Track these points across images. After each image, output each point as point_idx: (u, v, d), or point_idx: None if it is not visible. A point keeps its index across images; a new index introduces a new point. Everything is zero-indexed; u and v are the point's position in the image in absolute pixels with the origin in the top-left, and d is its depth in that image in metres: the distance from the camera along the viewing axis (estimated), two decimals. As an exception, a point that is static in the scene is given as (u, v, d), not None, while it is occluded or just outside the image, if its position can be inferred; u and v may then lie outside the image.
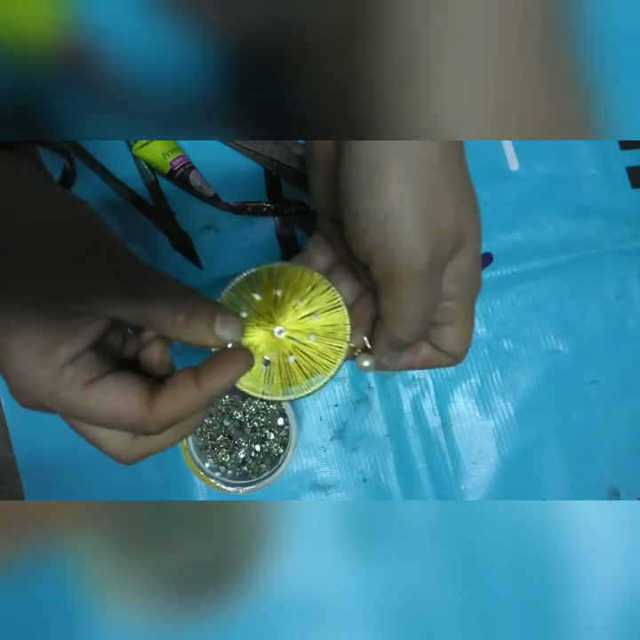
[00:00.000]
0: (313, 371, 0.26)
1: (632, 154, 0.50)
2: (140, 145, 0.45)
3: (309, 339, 0.26)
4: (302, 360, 0.26)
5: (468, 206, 0.22)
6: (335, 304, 0.26)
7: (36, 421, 0.44)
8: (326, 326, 0.26)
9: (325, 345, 0.26)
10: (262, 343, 0.26)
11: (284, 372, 0.26)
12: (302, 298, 0.26)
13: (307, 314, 0.26)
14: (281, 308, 0.26)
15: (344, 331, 0.26)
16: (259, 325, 0.26)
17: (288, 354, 0.26)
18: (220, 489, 0.41)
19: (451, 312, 0.24)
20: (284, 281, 0.26)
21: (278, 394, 0.26)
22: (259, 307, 0.26)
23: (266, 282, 0.26)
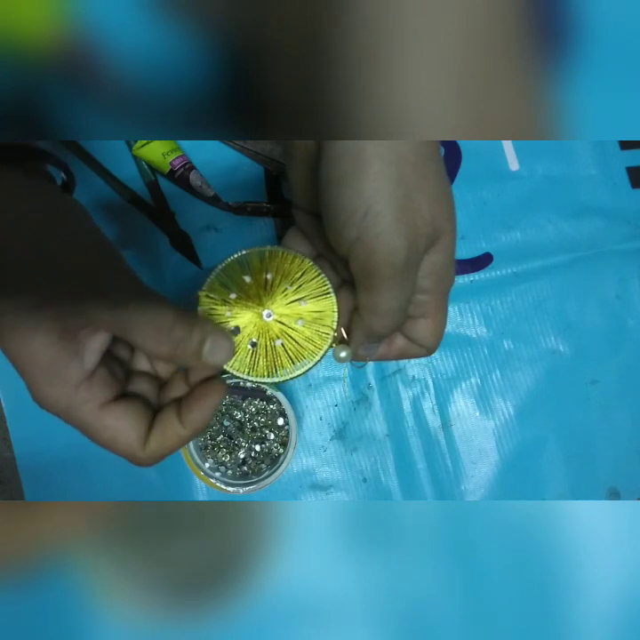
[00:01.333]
0: (299, 355, 0.26)
1: (632, 154, 0.50)
2: (140, 145, 0.45)
3: (297, 323, 0.26)
4: (289, 344, 0.26)
5: (442, 203, 0.22)
6: (324, 290, 0.26)
7: (36, 421, 0.44)
8: (314, 312, 0.26)
9: (312, 330, 0.26)
10: (250, 325, 0.26)
11: (270, 355, 0.26)
12: (292, 283, 0.26)
13: (295, 299, 0.26)
14: (270, 292, 0.26)
15: (331, 317, 0.26)
16: (247, 307, 0.26)
17: (275, 337, 0.26)
18: (221, 489, 0.41)
19: (424, 305, 0.25)
20: (274, 265, 0.26)
21: (263, 376, 0.26)
22: (248, 289, 0.26)
23: (257, 265, 0.26)
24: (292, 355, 0.26)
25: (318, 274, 0.26)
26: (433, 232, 0.22)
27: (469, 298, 0.47)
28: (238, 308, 0.26)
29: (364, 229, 0.21)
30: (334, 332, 0.26)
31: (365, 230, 0.21)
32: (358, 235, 0.21)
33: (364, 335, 0.25)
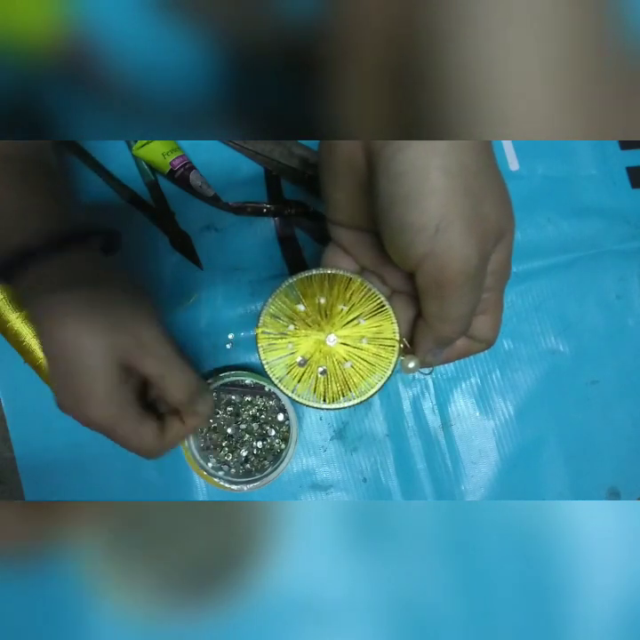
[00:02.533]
0: (369, 373, 0.26)
1: (632, 154, 0.50)
2: (140, 145, 0.45)
3: (361, 342, 0.26)
4: (358, 364, 0.26)
5: (505, 205, 0.22)
6: (378, 304, 0.26)
7: (36, 421, 0.44)
8: (374, 327, 0.26)
9: (377, 345, 0.26)
10: (315, 353, 0.26)
11: (342, 379, 0.26)
12: (346, 302, 0.26)
13: (353, 317, 0.26)
14: (327, 316, 0.26)
15: (391, 329, 0.26)
16: (308, 336, 0.26)
17: (342, 360, 0.26)
18: (225, 487, 0.41)
19: (485, 302, 0.25)
20: (324, 288, 0.26)
21: (339, 401, 0.26)
22: (305, 317, 0.26)
23: (305, 291, 0.26)
24: (363, 373, 0.26)
25: (369, 289, 0.26)
26: (499, 234, 0.22)
27: (469, 298, 0.47)
28: (299, 339, 0.26)
29: (435, 245, 0.20)
30: (399, 342, 0.26)
31: (437, 245, 0.20)
32: (429, 250, 0.21)
33: (433, 342, 0.25)
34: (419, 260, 0.21)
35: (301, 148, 0.46)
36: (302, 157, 0.46)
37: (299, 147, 0.46)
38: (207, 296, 0.46)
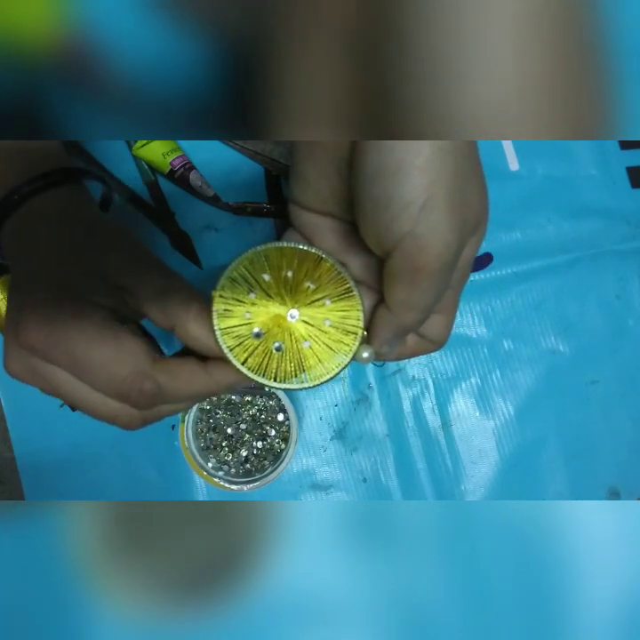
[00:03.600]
0: (328, 357, 0.25)
1: (632, 154, 0.50)
2: (140, 145, 0.45)
3: (324, 324, 0.25)
4: (317, 346, 0.25)
5: (485, 195, 0.22)
6: (347, 289, 0.25)
7: (36, 421, 0.44)
8: (339, 312, 0.25)
9: (341, 330, 0.25)
10: (274, 327, 0.24)
11: (297, 358, 0.25)
12: (313, 281, 0.25)
13: (319, 297, 0.25)
14: (293, 291, 0.24)
15: (357, 316, 0.25)
16: (269, 308, 0.24)
17: (301, 339, 0.25)
18: (225, 487, 0.41)
19: (443, 301, 0.24)
20: (294, 262, 0.24)
21: (292, 382, 0.25)
22: (268, 288, 0.24)
23: (274, 262, 0.24)
24: (321, 356, 0.25)
25: (339, 272, 0.24)
26: (476, 224, 0.22)
27: (469, 298, 0.47)
28: (258, 309, 0.24)
29: (419, 222, 0.20)
30: (363, 330, 0.25)
31: (420, 224, 0.20)
32: (411, 228, 0.20)
33: (391, 332, 0.24)
34: (398, 239, 0.20)
35: (301, 148, 0.46)
36: (302, 157, 0.46)
37: (299, 147, 0.46)
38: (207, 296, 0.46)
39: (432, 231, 0.20)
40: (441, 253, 0.20)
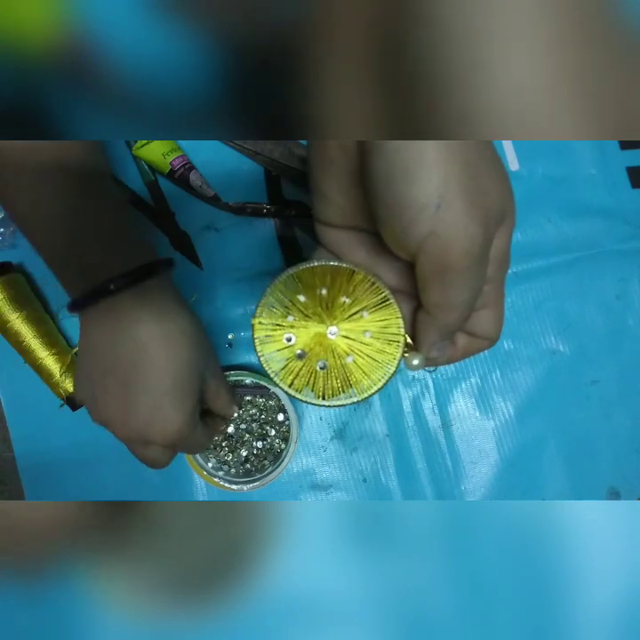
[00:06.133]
0: (372, 369, 0.25)
1: (632, 154, 0.50)
2: (140, 145, 0.45)
3: (364, 336, 0.25)
4: (360, 359, 0.25)
5: (506, 183, 0.21)
6: (383, 298, 0.24)
7: (36, 421, 0.44)
8: (378, 321, 0.25)
9: (382, 341, 0.25)
10: (315, 346, 0.25)
11: (342, 374, 0.25)
12: (348, 295, 0.25)
13: (356, 310, 0.25)
14: (329, 308, 0.25)
15: (397, 324, 0.25)
16: (308, 328, 0.25)
17: (344, 354, 0.25)
18: (225, 487, 0.41)
19: (486, 295, 0.24)
20: (327, 279, 0.25)
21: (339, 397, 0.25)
22: (305, 308, 0.25)
23: (307, 282, 0.25)
24: (366, 369, 0.25)
25: (373, 282, 0.24)
26: (500, 214, 0.21)
27: (469, 298, 0.47)
28: (298, 330, 0.25)
29: (438, 222, 0.19)
30: (404, 337, 0.25)
31: (439, 222, 0.19)
32: (431, 228, 0.19)
33: (437, 335, 0.24)
34: (420, 242, 0.20)
35: (301, 148, 0.46)
36: (302, 157, 0.46)
37: (299, 147, 0.46)
38: (207, 296, 0.46)
39: (453, 228, 0.19)
40: (467, 248, 0.20)
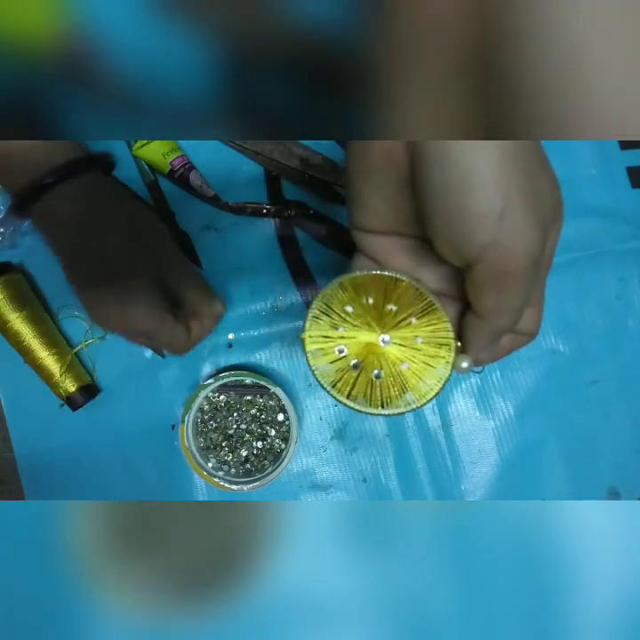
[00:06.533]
0: (427, 374, 0.25)
1: (632, 154, 0.50)
2: (140, 145, 0.45)
3: (416, 342, 0.25)
4: (414, 365, 0.25)
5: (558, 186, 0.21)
6: (428, 303, 0.24)
7: (36, 421, 0.44)
8: (428, 326, 0.25)
9: (433, 344, 0.25)
10: (368, 356, 0.25)
11: (399, 382, 0.25)
12: (394, 302, 0.25)
13: (403, 317, 0.25)
14: (377, 316, 0.25)
15: (445, 328, 0.25)
16: (358, 338, 0.25)
17: (398, 361, 0.25)
18: (224, 487, 0.41)
19: None
20: (371, 288, 0.25)
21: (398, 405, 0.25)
22: (354, 318, 0.25)
23: (352, 292, 0.25)
24: (421, 375, 0.25)
25: (417, 288, 0.24)
26: (554, 215, 0.21)
27: (469, 298, 0.47)
28: (349, 341, 0.25)
29: (500, 231, 0.19)
30: (456, 340, 0.25)
31: (501, 232, 0.19)
32: (492, 238, 0.19)
33: (487, 338, 0.24)
34: (480, 250, 0.20)
35: (301, 148, 0.46)
36: (302, 157, 0.46)
37: (299, 147, 0.46)
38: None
39: (514, 236, 0.19)
40: (526, 254, 0.20)
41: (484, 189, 0.19)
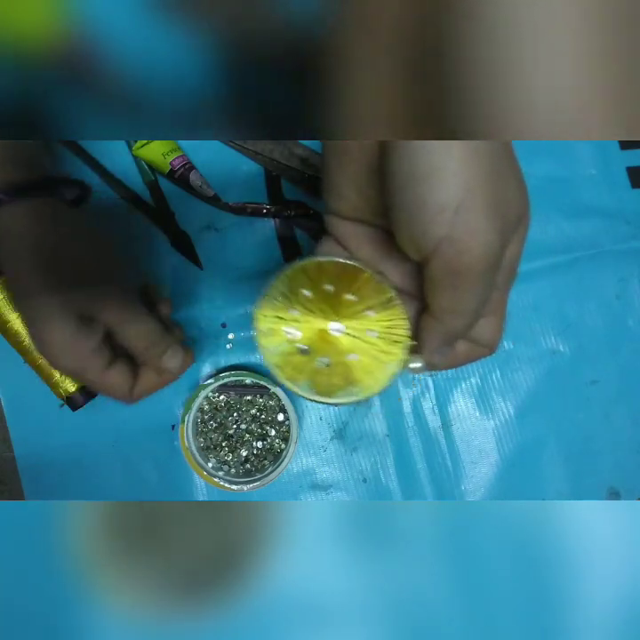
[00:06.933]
0: (375, 369, 0.24)
1: (632, 154, 0.50)
2: (140, 145, 0.45)
3: (369, 335, 0.24)
4: (364, 358, 0.24)
5: (524, 191, 0.21)
6: (389, 298, 0.24)
7: (36, 421, 0.44)
8: (384, 322, 0.24)
9: (387, 341, 0.24)
10: (318, 342, 0.24)
11: (344, 372, 0.24)
12: (354, 293, 0.24)
13: (361, 309, 0.24)
14: (334, 304, 0.24)
15: (403, 326, 0.24)
16: (312, 323, 0.24)
17: (347, 352, 0.24)
18: (225, 487, 0.41)
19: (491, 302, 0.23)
20: (333, 275, 0.24)
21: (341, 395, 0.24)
22: (310, 303, 0.24)
23: (313, 276, 0.24)
24: (369, 369, 0.24)
25: (379, 282, 0.24)
26: (517, 222, 0.21)
27: (469, 298, 0.47)
28: (301, 325, 0.24)
29: (456, 226, 0.19)
30: (411, 340, 0.24)
31: (457, 227, 0.19)
32: (448, 232, 0.19)
33: (440, 340, 0.24)
34: (436, 244, 0.20)
35: (301, 148, 0.46)
36: (302, 157, 0.46)
37: (299, 147, 0.46)
38: (207, 296, 0.46)
39: (470, 233, 0.19)
40: (482, 255, 0.20)
41: (444, 182, 0.19)
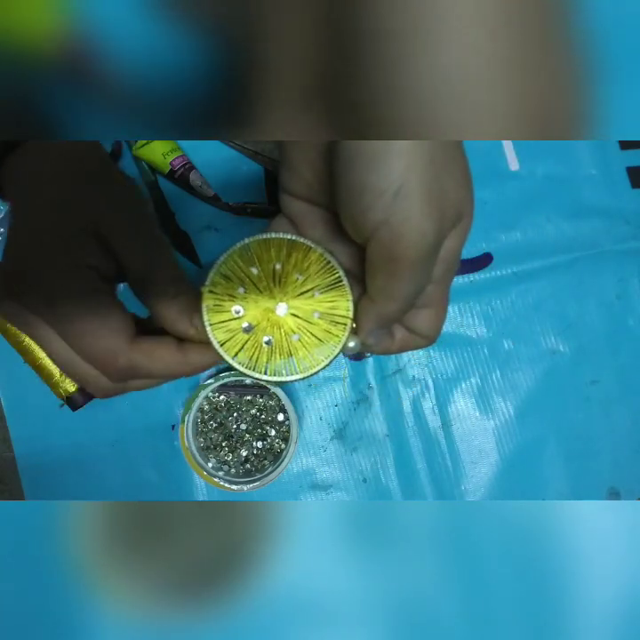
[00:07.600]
0: (317, 348, 0.25)
1: (632, 154, 0.50)
2: (140, 145, 0.45)
3: (313, 316, 0.25)
4: (306, 338, 0.25)
5: (467, 187, 0.22)
6: (336, 279, 0.24)
7: (36, 421, 0.44)
8: (328, 302, 0.25)
9: (328, 322, 0.25)
10: (263, 321, 0.25)
11: (287, 351, 0.25)
12: (302, 272, 0.24)
13: (307, 289, 0.25)
14: (281, 284, 0.25)
15: (346, 307, 0.25)
16: (258, 302, 0.24)
17: (291, 332, 0.25)
18: (225, 487, 0.41)
19: (430, 295, 0.24)
20: (282, 254, 0.24)
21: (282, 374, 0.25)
22: (257, 281, 0.24)
23: (262, 254, 0.24)
24: (310, 348, 0.25)
25: (328, 261, 0.24)
26: (457, 216, 0.21)
27: (469, 298, 0.47)
28: (247, 303, 0.24)
29: (393, 211, 0.20)
30: (352, 320, 0.25)
31: (394, 212, 0.20)
32: (385, 217, 0.20)
33: (375, 322, 0.24)
34: (374, 228, 0.20)
35: (301, 148, 0.46)
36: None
37: (299, 147, 0.46)
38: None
39: (407, 220, 0.20)
40: (416, 243, 0.20)
41: (385, 166, 0.19)
